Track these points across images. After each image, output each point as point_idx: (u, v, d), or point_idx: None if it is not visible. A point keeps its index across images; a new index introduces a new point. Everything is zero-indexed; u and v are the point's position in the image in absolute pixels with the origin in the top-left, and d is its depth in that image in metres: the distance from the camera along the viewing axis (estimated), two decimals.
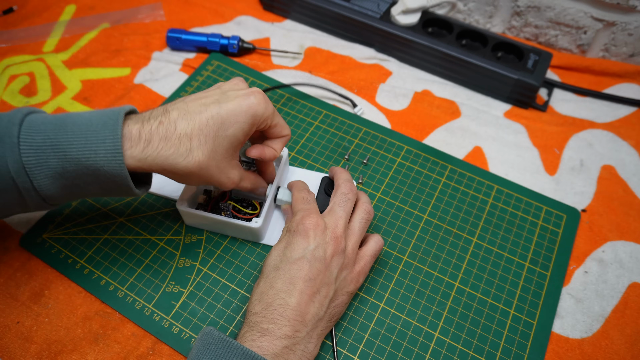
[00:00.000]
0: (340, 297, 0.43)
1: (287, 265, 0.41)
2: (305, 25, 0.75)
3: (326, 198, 0.52)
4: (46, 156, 0.37)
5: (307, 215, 0.44)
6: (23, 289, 0.49)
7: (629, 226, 0.55)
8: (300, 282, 0.40)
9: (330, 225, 0.43)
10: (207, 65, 0.68)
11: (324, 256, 0.42)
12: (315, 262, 0.41)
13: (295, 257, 0.41)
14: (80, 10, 0.76)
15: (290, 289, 0.40)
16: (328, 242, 0.42)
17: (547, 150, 0.61)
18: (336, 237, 0.43)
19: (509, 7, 0.72)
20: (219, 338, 0.37)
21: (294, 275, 0.41)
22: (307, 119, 0.63)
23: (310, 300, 0.40)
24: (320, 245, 0.42)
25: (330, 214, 0.45)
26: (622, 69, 0.69)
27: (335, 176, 0.50)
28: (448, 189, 0.57)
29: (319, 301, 0.41)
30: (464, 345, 0.47)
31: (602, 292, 0.51)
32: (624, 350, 0.47)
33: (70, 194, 0.40)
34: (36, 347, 0.45)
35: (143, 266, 0.50)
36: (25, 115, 0.39)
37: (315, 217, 0.43)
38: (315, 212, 0.44)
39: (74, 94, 0.65)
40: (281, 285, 0.40)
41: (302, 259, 0.41)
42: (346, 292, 0.44)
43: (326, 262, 0.42)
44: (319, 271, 0.41)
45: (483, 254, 0.52)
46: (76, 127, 0.38)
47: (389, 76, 0.69)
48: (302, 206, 0.46)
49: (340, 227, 0.44)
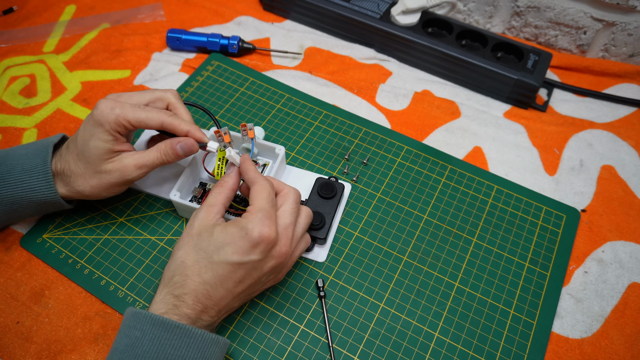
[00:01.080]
0: (259, 291, 0.45)
1: (222, 263, 0.40)
2: (305, 25, 0.75)
3: (319, 200, 0.52)
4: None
5: (265, 225, 0.40)
6: (23, 289, 0.49)
7: (628, 226, 0.55)
8: (229, 283, 0.40)
9: (282, 239, 0.42)
10: (207, 66, 0.68)
11: (262, 267, 0.41)
12: (252, 271, 0.41)
13: (233, 260, 0.40)
14: (80, 10, 0.76)
15: (217, 285, 0.40)
16: (273, 256, 0.41)
17: (547, 151, 0.61)
18: (283, 253, 0.42)
19: (509, 7, 0.72)
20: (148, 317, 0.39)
21: (224, 275, 0.40)
22: (307, 119, 0.63)
23: (233, 298, 0.42)
24: (265, 259, 0.41)
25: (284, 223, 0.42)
26: (621, 69, 0.69)
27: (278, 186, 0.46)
28: (448, 189, 0.57)
29: (240, 298, 0.42)
30: (464, 345, 0.47)
31: (602, 292, 0.51)
32: (624, 350, 0.47)
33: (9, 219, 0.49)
34: (36, 347, 0.45)
35: (143, 266, 0.50)
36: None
37: (271, 227, 0.40)
38: (273, 221, 0.41)
39: (73, 95, 0.65)
40: (209, 278, 0.40)
41: (241, 266, 0.40)
42: (265, 288, 0.45)
43: (262, 272, 0.42)
44: (252, 278, 0.42)
45: (483, 254, 0.52)
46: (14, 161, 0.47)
47: (389, 76, 0.69)
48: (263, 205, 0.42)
49: (288, 242, 0.42)
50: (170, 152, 0.46)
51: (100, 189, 0.46)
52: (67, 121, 0.62)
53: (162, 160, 0.47)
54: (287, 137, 0.61)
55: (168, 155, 0.46)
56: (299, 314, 0.48)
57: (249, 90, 0.65)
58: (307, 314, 0.48)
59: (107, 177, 0.46)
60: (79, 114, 0.63)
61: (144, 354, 0.37)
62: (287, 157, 0.59)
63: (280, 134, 0.61)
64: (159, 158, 0.46)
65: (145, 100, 0.47)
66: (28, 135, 0.60)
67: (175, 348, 0.38)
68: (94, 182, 0.46)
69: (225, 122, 0.62)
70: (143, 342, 0.37)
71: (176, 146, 0.46)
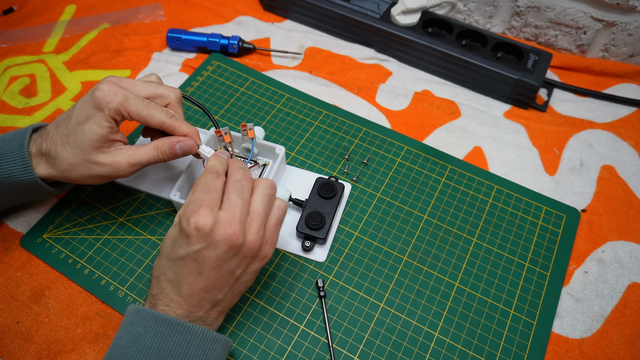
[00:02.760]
0: (244, 278, 0.42)
1: (173, 259, 0.40)
2: (305, 25, 0.75)
3: (319, 199, 0.52)
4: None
5: (195, 212, 0.38)
6: (23, 289, 0.49)
7: (628, 226, 0.55)
8: (188, 277, 0.39)
9: (223, 220, 0.39)
10: (207, 66, 0.68)
11: (214, 256, 0.39)
12: (203, 260, 0.39)
13: (180, 255, 0.39)
14: (80, 10, 0.76)
15: (179, 282, 0.40)
16: (218, 241, 0.38)
17: (547, 151, 0.61)
18: (229, 235, 0.38)
19: (509, 7, 0.72)
20: (134, 309, 0.40)
21: (180, 270, 0.40)
22: (307, 119, 0.63)
23: (205, 292, 0.40)
24: (209, 246, 0.38)
25: (226, 205, 0.40)
26: (621, 69, 0.69)
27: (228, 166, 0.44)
28: (448, 189, 0.57)
29: (216, 291, 0.40)
30: (464, 345, 0.47)
31: (602, 292, 0.51)
32: (624, 350, 0.47)
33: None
34: (36, 347, 0.45)
35: (143, 266, 0.50)
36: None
37: (203, 214, 0.38)
38: (205, 206, 0.39)
39: (73, 95, 0.65)
40: (171, 276, 0.40)
41: (187, 258, 0.39)
42: (250, 272, 0.42)
43: (218, 260, 0.39)
44: (211, 268, 0.39)
45: (483, 254, 0.52)
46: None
47: (389, 76, 0.69)
48: (197, 195, 0.40)
49: (235, 221, 0.39)
50: (168, 152, 0.45)
51: (86, 177, 0.45)
52: None
53: (158, 159, 0.46)
54: (287, 137, 0.61)
55: (165, 154, 0.46)
56: (299, 314, 0.48)
57: (249, 90, 0.65)
58: (307, 314, 0.48)
59: (97, 169, 0.44)
60: None
61: (146, 349, 0.38)
62: (287, 157, 0.59)
63: (280, 134, 0.61)
64: (155, 157, 0.45)
65: (148, 94, 0.46)
66: None
67: (177, 344, 0.38)
68: (82, 170, 0.44)
69: (226, 122, 0.62)
70: (145, 338, 0.38)
71: (176, 146, 0.45)
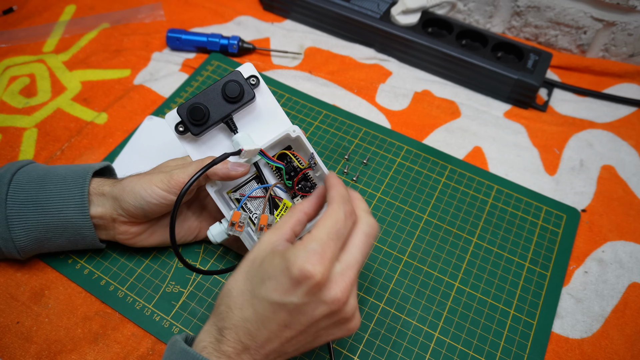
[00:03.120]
0: (320, 341, 0.36)
1: (260, 299, 0.34)
2: (305, 25, 0.75)
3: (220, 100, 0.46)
4: (27, 210, 0.45)
5: (310, 260, 0.32)
6: (23, 289, 0.49)
7: (628, 226, 0.55)
8: (273, 326, 0.34)
9: (337, 279, 0.33)
10: (207, 66, 0.68)
11: (311, 314, 0.33)
12: (298, 316, 0.33)
13: (274, 299, 0.33)
14: (80, 10, 0.76)
15: (259, 327, 0.34)
16: (324, 302, 0.33)
17: (547, 150, 0.61)
18: (337, 299, 0.33)
19: (509, 7, 0.72)
20: (180, 348, 0.35)
21: (266, 315, 0.34)
22: (307, 119, 0.63)
23: (281, 344, 0.34)
24: (311, 303, 0.33)
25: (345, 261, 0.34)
26: (622, 69, 0.69)
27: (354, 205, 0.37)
28: (448, 189, 0.57)
29: (291, 344, 0.35)
30: (464, 346, 0.47)
31: (602, 292, 0.51)
32: (624, 350, 0.47)
33: (41, 247, 0.47)
34: (36, 347, 0.45)
35: (143, 266, 0.50)
36: (13, 175, 0.46)
37: (319, 264, 0.32)
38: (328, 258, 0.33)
39: (73, 94, 0.65)
40: (250, 316, 0.34)
41: (282, 307, 0.33)
42: (330, 338, 0.36)
43: (313, 320, 0.33)
44: (301, 324, 0.34)
45: (483, 254, 0.52)
46: (52, 185, 0.45)
47: (389, 76, 0.69)
48: (323, 238, 0.33)
49: (349, 285, 0.33)
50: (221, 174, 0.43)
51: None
52: (68, 121, 0.62)
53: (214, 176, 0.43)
54: None
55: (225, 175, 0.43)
56: None
57: None
58: None
59: None
60: (79, 114, 0.63)
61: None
62: None
63: None
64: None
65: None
66: (28, 135, 0.60)
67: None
68: None
69: None
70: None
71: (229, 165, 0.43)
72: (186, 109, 0.44)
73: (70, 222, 0.45)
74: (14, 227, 0.45)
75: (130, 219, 0.46)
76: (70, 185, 0.45)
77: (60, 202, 0.45)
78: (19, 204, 0.45)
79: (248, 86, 0.45)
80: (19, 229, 0.45)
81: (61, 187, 0.45)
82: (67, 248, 0.48)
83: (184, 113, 0.44)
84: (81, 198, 0.45)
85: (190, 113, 0.44)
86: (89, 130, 0.61)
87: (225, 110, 0.44)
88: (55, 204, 0.45)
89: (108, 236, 0.48)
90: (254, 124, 0.46)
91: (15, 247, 0.46)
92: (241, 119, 0.46)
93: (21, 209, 0.45)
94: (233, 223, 0.43)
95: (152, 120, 0.61)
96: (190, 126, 0.44)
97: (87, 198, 0.45)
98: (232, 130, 0.45)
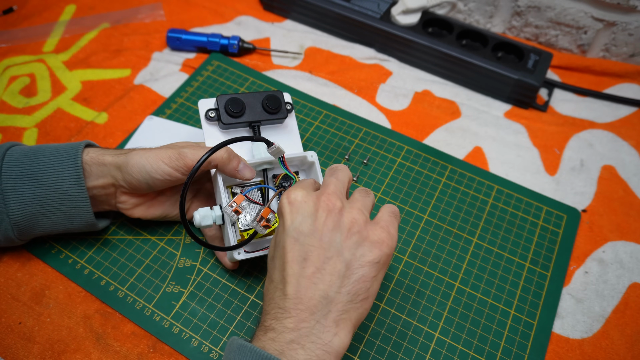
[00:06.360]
0: (358, 269, 0.35)
1: (278, 252, 0.37)
2: (305, 25, 0.75)
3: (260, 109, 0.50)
4: (22, 183, 0.44)
5: (288, 192, 0.38)
6: (24, 289, 0.49)
7: (629, 226, 0.55)
8: (293, 266, 0.35)
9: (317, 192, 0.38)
10: (207, 66, 0.68)
11: (312, 227, 0.36)
12: (303, 238, 0.36)
13: (282, 241, 0.37)
14: (80, 10, 0.76)
15: (285, 277, 0.35)
16: (315, 209, 0.36)
17: (547, 151, 0.61)
18: (325, 198, 0.37)
19: (509, 7, 0.72)
20: (237, 344, 0.35)
21: (284, 260, 0.36)
22: (307, 119, 0.63)
23: (311, 282, 0.35)
24: (306, 216, 0.36)
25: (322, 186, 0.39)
26: (622, 69, 0.69)
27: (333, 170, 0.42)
28: (448, 189, 0.57)
29: (324, 281, 0.35)
30: (464, 346, 0.47)
31: (603, 293, 0.51)
32: (624, 350, 0.47)
33: (36, 224, 0.46)
34: (39, 347, 0.45)
35: (143, 266, 0.50)
36: (6, 150, 0.46)
37: (296, 190, 0.37)
38: (299, 187, 0.38)
39: (73, 94, 0.65)
40: (277, 276, 0.37)
41: (288, 239, 0.36)
42: (366, 262, 0.35)
43: (318, 231, 0.36)
44: (312, 246, 0.35)
45: (483, 254, 0.52)
46: (45, 158, 0.45)
47: (389, 76, 0.69)
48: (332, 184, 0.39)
49: (330, 188, 0.38)
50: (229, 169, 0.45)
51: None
52: (68, 120, 0.62)
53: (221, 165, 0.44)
54: None
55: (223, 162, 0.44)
56: None
57: (249, 90, 0.65)
58: None
59: None
60: (80, 113, 0.63)
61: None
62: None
63: None
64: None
65: None
66: (28, 134, 0.60)
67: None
68: None
69: None
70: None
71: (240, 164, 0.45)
72: (227, 98, 0.47)
73: (65, 194, 0.45)
74: (9, 202, 0.44)
75: (132, 191, 0.47)
76: (63, 156, 0.45)
77: (55, 174, 0.45)
78: (14, 178, 0.44)
79: (284, 106, 0.50)
80: (14, 204, 0.44)
81: (54, 159, 0.45)
82: (62, 228, 0.47)
83: (223, 101, 0.47)
84: (75, 168, 0.45)
85: (230, 102, 0.47)
86: (89, 130, 0.61)
87: (259, 116, 0.48)
88: (49, 176, 0.45)
89: (110, 206, 0.48)
90: (272, 139, 0.47)
91: (10, 223, 0.45)
92: (264, 130, 0.50)
93: (16, 182, 0.44)
94: (233, 205, 0.43)
95: (153, 120, 0.61)
96: (223, 115, 0.47)
97: (81, 168, 0.45)
98: (256, 133, 0.48)
